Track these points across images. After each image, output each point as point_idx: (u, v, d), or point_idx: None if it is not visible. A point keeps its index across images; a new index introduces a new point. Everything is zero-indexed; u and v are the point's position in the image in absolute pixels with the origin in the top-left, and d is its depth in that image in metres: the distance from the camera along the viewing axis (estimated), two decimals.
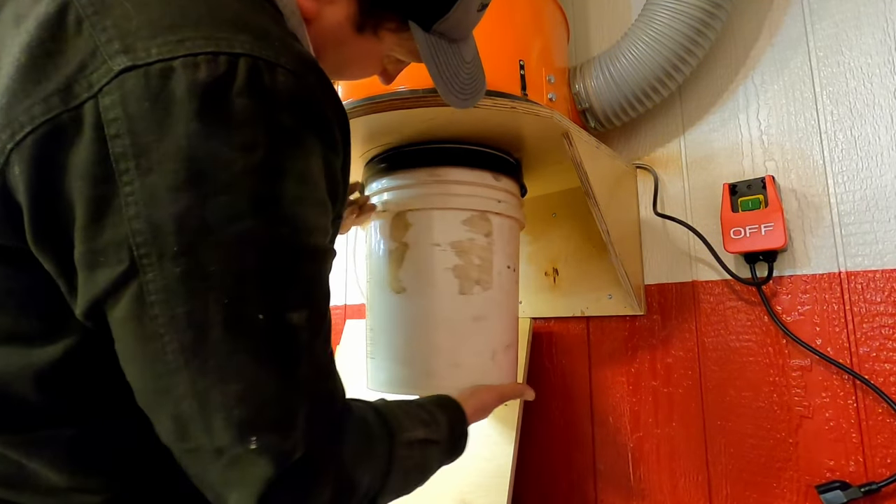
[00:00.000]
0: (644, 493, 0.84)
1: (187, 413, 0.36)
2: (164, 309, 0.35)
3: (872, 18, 0.73)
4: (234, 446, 0.35)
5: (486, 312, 0.69)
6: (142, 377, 0.37)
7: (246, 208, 0.35)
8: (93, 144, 0.34)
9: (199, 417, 0.35)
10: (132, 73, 0.34)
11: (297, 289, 0.38)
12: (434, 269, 0.67)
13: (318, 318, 0.40)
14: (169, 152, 0.34)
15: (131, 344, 0.36)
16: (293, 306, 0.37)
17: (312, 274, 0.40)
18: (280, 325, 0.37)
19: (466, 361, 0.68)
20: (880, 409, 0.67)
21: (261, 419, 0.36)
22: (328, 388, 0.41)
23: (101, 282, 0.35)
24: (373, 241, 0.73)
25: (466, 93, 0.57)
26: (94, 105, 0.34)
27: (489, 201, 0.70)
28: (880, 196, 0.70)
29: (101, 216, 0.35)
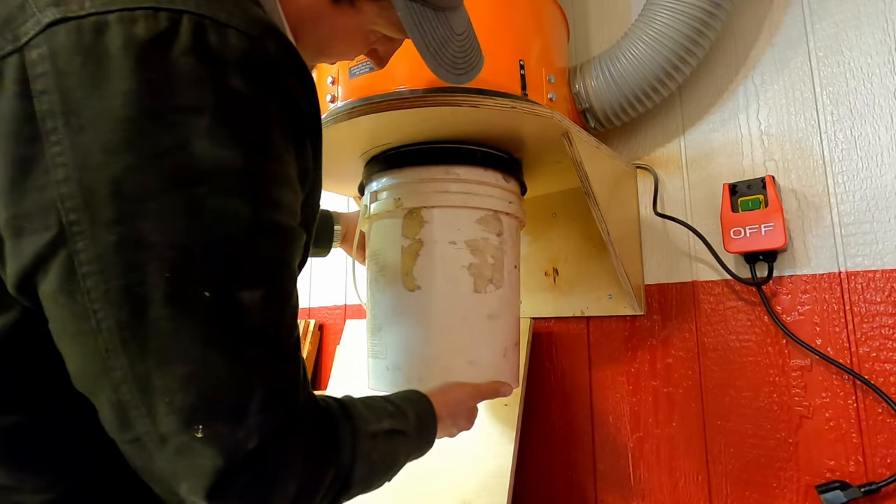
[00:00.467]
0: (644, 493, 0.84)
1: (126, 399, 0.33)
2: (98, 282, 0.31)
3: (872, 18, 0.73)
4: (178, 434, 0.33)
5: (498, 310, 0.70)
6: (77, 360, 0.34)
7: (192, 175, 0.32)
8: (15, 100, 0.31)
9: (140, 403, 0.33)
10: (63, 27, 0.31)
11: (249, 266, 0.35)
12: (450, 267, 0.67)
13: (276, 301, 0.36)
14: (104, 111, 0.31)
15: (64, 321, 0.33)
16: (244, 284, 0.34)
17: (270, 252, 0.36)
18: (229, 305, 0.34)
19: (482, 359, 0.68)
20: (880, 409, 0.67)
21: (207, 406, 0.33)
22: (286, 376, 0.37)
23: (27, 251, 0.32)
24: (380, 238, 0.72)
25: (459, 68, 0.53)
26: (19, 59, 0.31)
27: (501, 202, 0.71)
28: (880, 196, 0.70)
29: (25, 178, 0.32)
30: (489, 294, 0.69)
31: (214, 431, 0.33)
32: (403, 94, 0.63)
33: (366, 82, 0.67)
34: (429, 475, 0.88)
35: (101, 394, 0.34)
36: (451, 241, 0.68)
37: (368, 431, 0.45)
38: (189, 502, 0.34)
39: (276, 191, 0.36)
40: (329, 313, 1.36)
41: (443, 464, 0.88)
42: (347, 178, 0.87)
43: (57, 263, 0.32)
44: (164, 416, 0.32)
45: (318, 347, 1.34)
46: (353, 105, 0.64)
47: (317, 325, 1.35)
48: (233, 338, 0.34)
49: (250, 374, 0.34)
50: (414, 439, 0.52)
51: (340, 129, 0.66)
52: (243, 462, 0.34)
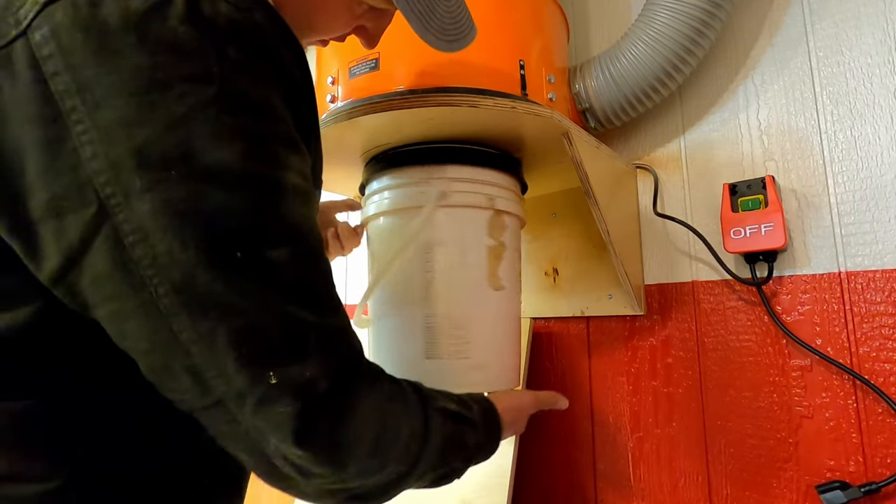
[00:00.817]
0: (644, 493, 0.84)
1: (198, 362, 0.34)
2: (145, 249, 0.32)
3: (872, 18, 0.73)
4: (254, 386, 0.34)
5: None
6: (145, 334, 0.34)
7: (206, 143, 0.33)
8: (32, 85, 0.32)
9: (213, 363, 0.34)
10: (59, 4, 0.32)
11: (273, 227, 0.36)
12: (517, 272, 0.75)
13: (305, 257, 0.38)
14: (115, 86, 0.32)
15: (123, 298, 0.33)
16: (271, 244, 0.35)
17: (289, 212, 0.37)
18: (260, 264, 0.35)
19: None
20: (880, 409, 0.67)
21: (271, 351, 0.35)
22: (335, 325, 0.39)
23: (72, 229, 0.33)
24: (457, 234, 0.69)
25: (449, 34, 0.51)
26: (26, 42, 0.32)
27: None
28: (880, 196, 0.70)
29: (56, 159, 0.32)
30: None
31: (285, 375, 0.34)
32: (403, 94, 0.63)
33: (366, 82, 0.67)
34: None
35: (175, 363, 0.34)
36: (517, 248, 0.75)
37: (437, 406, 0.46)
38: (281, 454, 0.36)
39: (285, 153, 0.37)
40: None
41: None
42: (348, 178, 0.87)
43: (103, 238, 0.33)
44: (235, 372, 0.34)
45: None
46: (353, 105, 0.64)
47: None
48: (273, 291, 0.35)
49: (298, 321, 0.36)
50: (481, 433, 0.52)
51: (340, 129, 0.66)
52: (320, 404, 0.36)
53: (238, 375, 0.34)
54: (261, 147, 0.36)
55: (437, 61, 0.65)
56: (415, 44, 0.65)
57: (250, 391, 0.34)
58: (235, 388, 0.34)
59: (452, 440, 0.47)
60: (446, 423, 0.46)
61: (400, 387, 0.44)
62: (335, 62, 0.71)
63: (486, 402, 0.56)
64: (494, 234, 0.70)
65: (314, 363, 0.36)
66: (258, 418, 0.35)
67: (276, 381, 0.34)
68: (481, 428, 0.52)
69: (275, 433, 0.35)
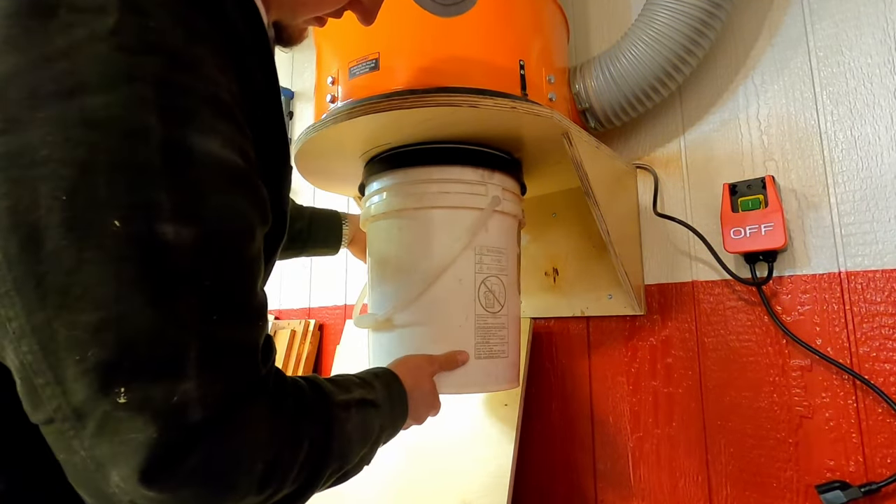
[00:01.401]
0: (644, 493, 0.84)
1: (28, 361, 0.27)
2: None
3: (872, 18, 0.73)
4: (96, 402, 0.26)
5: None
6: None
7: (94, 80, 0.27)
8: None
9: (45, 366, 0.26)
10: None
11: (171, 195, 0.28)
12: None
13: (217, 246, 0.30)
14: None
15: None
16: (166, 216, 0.28)
17: (204, 184, 0.30)
18: (146, 238, 0.28)
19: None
20: (880, 409, 0.67)
21: (128, 361, 0.27)
22: (235, 338, 0.31)
23: None
24: (504, 239, 0.73)
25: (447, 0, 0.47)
26: None
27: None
28: (880, 196, 0.70)
29: None
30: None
31: (141, 394, 0.27)
32: (403, 94, 0.63)
33: (366, 82, 0.67)
34: (429, 475, 0.88)
35: (7, 359, 0.28)
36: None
37: (339, 401, 0.42)
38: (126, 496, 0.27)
39: (205, 113, 0.31)
40: (329, 313, 1.36)
41: (443, 464, 0.88)
42: (348, 179, 0.87)
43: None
44: (74, 379, 0.26)
45: (318, 347, 1.34)
46: (353, 105, 0.64)
47: (317, 325, 1.35)
48: (155, 279, 0.28)
49: (181, 325, 0.28)
50: (386, 409, 0.50)
51: (340, 129, 0.66)
52: (189, 437, 0.28)
53: (77, 385, 0.26)
54: (169, 98, 0.29)
55: (437, 61, 0.65)
56: (415, 44, 0.65)
57: (91, 408, 0.26)
58: (72, 403, 0.27)
59: (358, 432, 0.44)
60: (350, 418, 0.43)
61: (301, 397, 0.38)
62: (335, 62, 0.71)
63: (387, 373, 0.55)
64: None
65: (189, 385, 0.28)
66: (98, 446, 0.27)
67: (126, 399, 0.26)
68: (385, 404, 0.50)
69: (117, 466, 0.27)
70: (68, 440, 0.27)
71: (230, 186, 0.32)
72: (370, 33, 0.66)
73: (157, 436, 0.27)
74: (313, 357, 1.33)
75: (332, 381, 0.45)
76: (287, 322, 1.38)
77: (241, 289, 0.32)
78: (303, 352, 1.31)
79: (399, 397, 0.54)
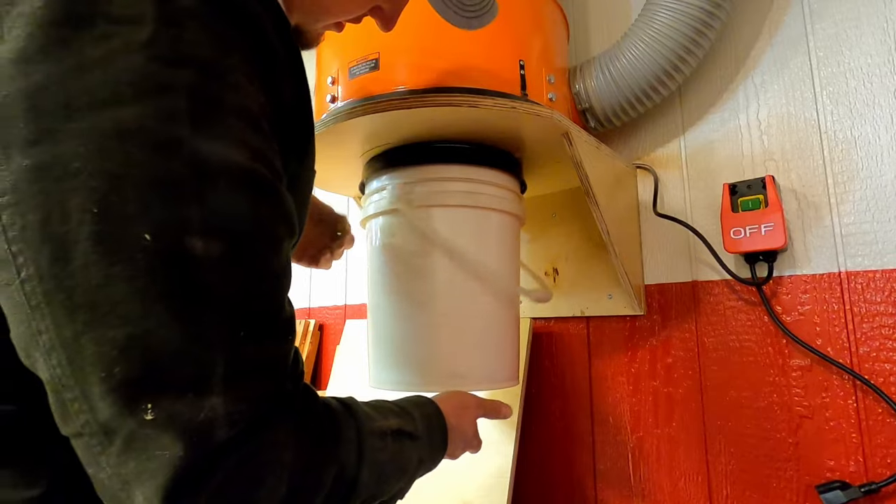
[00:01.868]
0: (644, 493, 0.84)
1: (58, 375, 0.27)
2: (14, 216, 0.26)
3: (872, 18, 0.73)
4: (123, 419, 0.26)
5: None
6: (12, 323, 0.28)
7: (127, 91, 0.27)
8: None
9: (73, 381, 0.26)
10: None
11: (201, 210, 0.28)
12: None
13: (245, 263, 0.30)
14: (20, 15, 0.27)
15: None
16: (195, 230, 0.28)
17: (232, 199, 0.30)
18: (176, 253, 0.27)
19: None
20: (880, 409, 0.67)
21: (155, 377, 0.27)
22: (263, 356, 0.31)
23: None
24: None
25: (469, 10, 0.47)
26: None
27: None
28: (880, 196, 0.70)
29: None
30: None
31: (169, 411, 0.26)
32: (403, 94, 0.63)
33: (366, 82, 0.67)
34: (429, 475, 0.88)
35: (39, 370, 0.28)
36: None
37: (375, 429, 0.40)
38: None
39: (236, 125, 0.30)
40: (329, 313, 1.36)
41: (443, 464, 0.88)
42: (348, 178, 0.87)
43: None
44: (101, 396, 0.26)
45: (318, 347, 1.35)
46: (353, 105, 0.64)
47: (317, 325, 1.35)
48: (183, 295, 0.27)
49: (208, 341, 0.28)
50: (424, 442, 0.48)
51: (340, 129, 0.66)
52: (214, 456, 0.27)
53: (104, 401, 0.26)
54: (200, 110, 0.29)
55: (437, 61, 0.65)
56: (415, 44, 0.65)
57: (118, 425, 0.26)
58: (99, 419, 0.27)
59: (393, 463, 0.42)
60: (386, 448, 0.41)
61: (332, 419, 0.37)
62: (335, 62, 0.71)
63: (430, 405, 0.52)
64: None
65: (216, 401, 0.28)
66: (125, 464, 0.27)
67: (153, 416, 0.26)
68: (424, 436, 0.48)
69: (142, 486, 0.26)
70: (96, 456, 0.27)
71: (258, 200, 0.31)
72: (370, 33, 0.66)
73: (184, 453, 0.27)
74: (313, 357, 1.33)
75: (370, 405, 0.44)
76: None
77: (269, 303, 0.32)
78: (302, 352, 1.31)
79: (440, 432, 0.52)
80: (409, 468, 0.45)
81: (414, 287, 0.68)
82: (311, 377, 1.32)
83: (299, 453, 0.32)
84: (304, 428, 0.33)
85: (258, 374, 0.31)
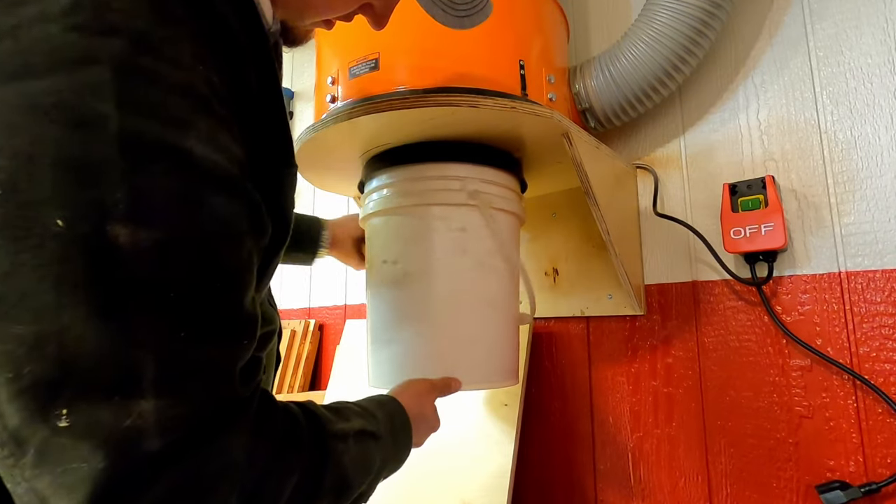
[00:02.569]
0: (644, 493, 0.84)
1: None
2: None
3: (872, 18, 0.73)
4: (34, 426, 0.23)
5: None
6: None
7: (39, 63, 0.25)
8: None
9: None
10: None
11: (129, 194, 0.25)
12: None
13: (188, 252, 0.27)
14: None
15: None
16: (120, 217, 0.25)
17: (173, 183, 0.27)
18: (94, 241, 0.24)
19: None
20: (880, 409, 0.67)
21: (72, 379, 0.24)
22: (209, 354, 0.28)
23: None
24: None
25: (459, 9, 0.45)
26: None
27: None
28: (880, 196, 0.70)
29: None
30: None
31: (88, 417, 0.24)
32: (403, 94, 0.63)
33: (366, 82, 0.67)
34: (429, 475, 0.88)
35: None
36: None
37: (337, 431, 0.39)
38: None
39: (177, 104, 0.27)
40: (329, 313, 1.36)
41: (443, 464, 0.88)
42: (348, 178, 0.87)
43: None
44: (10, 400, 0.23)
45: (318, 347, 1.35)
46: (353, 105, 0.64)
47: (317, 325, 1.35)
48: (103, 287, 0.25)
49: (136, 340, 0.25)
50: (388, 441, 0.46)
51: (340, 129, 0.66)
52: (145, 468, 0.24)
53: (11, 407, 0.23)
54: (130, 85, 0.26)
55: (437, 61, 0.65)
56: (415, 44, 0.65)
57: (29, 434, 0.23)
58: (9, 426, 0.24)
59: (356, 466, 0.40)
60: (348, 450, 0.39)
61: (292, 423, 0.35)
62: (335, 62, 0.71)
63: (391, 402, 0.51)
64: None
65: (146, 407, 0.25)
66: (40, 478, 0.24)
67: (68, 422, 0.23)
68: (388, 437, 0.46)
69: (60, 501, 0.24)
70: (9, 468, 0.24)
71: (206, 187, 0.28)
72: (370, 33, 0.66)
73: (105, 465, 0.24)
74: (313, 357, 1.33)
75: (330, 409, 0.42)
76: (287, 322, 1.38)
77: (219, 302, 0.29)
78: (303, 352, 1.31)
79: (403, 428, 0.50)
80: (373, 469, 0.43)
81: (438, 286, 0.68)
82: (311, 377, 1.32)
83: (255, 460, 0.30)
84: (261, 434, 0.31)
85: (201, 376, 0.28)
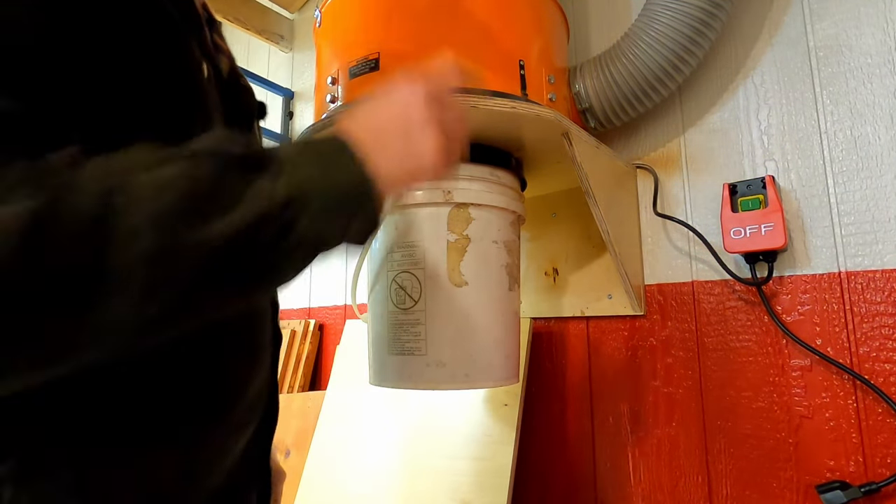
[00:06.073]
0: (644, 493, 0.84)
1: None
2: None
3: (872, 18, 0.73)
4: None
5: (517, 308, 0.75)
6: None
7: None
8: None
9: None
10: None
11: None
12: (495, 265, 0.71)
13: None
14: None
15: None
16: None
17: None
18: None
19: (513, 353, 0.73)
20: (880, 409, 0.67)
21: None
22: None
23: None
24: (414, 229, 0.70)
25: None
26: None
27: (521, 206, 0.75)
28: (880, 196, 0.70)
29: None
30: (515, 292, 0.74)
31: None
32: None
33: (366, 82, 0.67)
34: (429, 475, 0.88)
35: None
36: (495, 241, 0.71)
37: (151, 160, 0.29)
38: None
39: None
40: (329, 313, 1.36)
41: (443, 464, 0.88)
42: None
43: None
44: None
45: (318, 347, 1.35)
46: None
47: (317, 325, 1.35)
48: None
49: None
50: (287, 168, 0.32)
51: None
52: None
53: None
54: None
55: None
56: (415, 44, 0.65)
57: None
58: None
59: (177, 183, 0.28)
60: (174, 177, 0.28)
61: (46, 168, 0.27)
62: (335, 62, 0.71)
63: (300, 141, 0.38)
64: (455, 228, 0.69)
65: None
66: None
67: None
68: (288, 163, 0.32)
69: None
70: None
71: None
72: (370, 33, 0.66)
73: None
74: (313, 357, 1.33)
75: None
76: (287, 322, 1.38)
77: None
78: (303, 352, 1.31)
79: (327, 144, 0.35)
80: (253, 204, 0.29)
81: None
82: (311, 377, 1.32)
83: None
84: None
85: None
